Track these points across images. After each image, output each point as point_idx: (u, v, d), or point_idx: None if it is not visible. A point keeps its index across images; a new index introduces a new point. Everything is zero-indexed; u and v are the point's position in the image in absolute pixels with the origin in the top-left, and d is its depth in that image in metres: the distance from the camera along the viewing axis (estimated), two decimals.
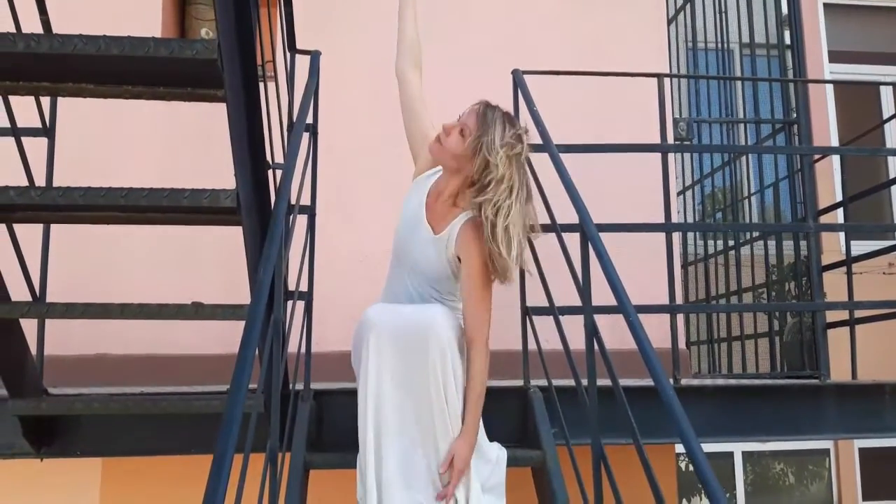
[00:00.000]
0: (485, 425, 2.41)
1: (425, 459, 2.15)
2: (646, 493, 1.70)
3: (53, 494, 3.43)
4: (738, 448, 7.03)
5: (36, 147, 2.44)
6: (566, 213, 2.36)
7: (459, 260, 2.27)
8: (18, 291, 2.24)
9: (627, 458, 1.84)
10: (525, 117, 2.80)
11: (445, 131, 2.28)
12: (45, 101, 2.58)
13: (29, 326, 2.35)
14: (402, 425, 2.14)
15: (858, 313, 3.57)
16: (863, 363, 3.42)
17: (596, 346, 2.03)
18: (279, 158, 2.75)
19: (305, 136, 2.45)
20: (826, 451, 7.13)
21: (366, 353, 2.15)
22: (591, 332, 2.05)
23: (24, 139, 2.25)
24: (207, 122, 2.45)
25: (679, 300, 3.18)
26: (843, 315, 3.67)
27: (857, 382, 3.17)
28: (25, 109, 2.29)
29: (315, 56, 2.71)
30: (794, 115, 4.32)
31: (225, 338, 3.30)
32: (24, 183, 2.21)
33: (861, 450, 7.03)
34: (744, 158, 4.77)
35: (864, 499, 7.02)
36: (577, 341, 2.18)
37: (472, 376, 2.19)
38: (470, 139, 2.23)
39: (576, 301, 2.21)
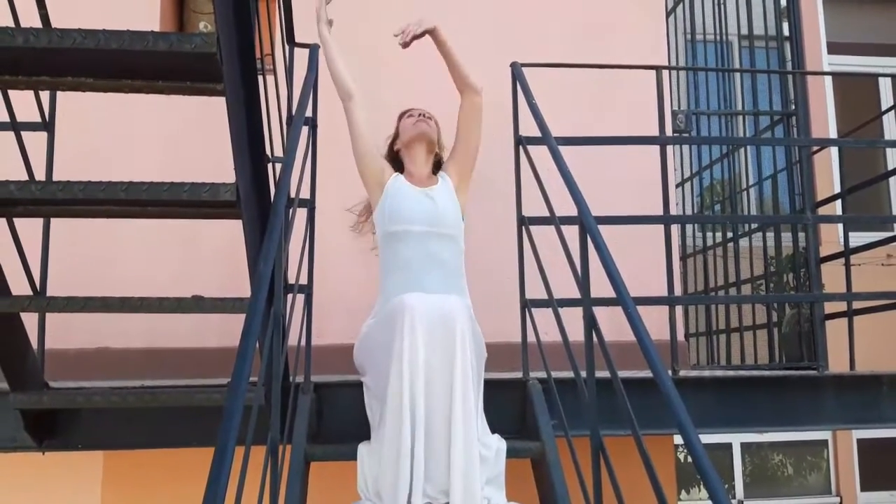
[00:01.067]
0: (485, 417, 2.43)
1: (445, 448, 2.17)
2: (645, 484, 1.71)
3: (56, 488, 3.45)
4: (736, 439, 7.06)
5: (36, 141, 2.45)
6: (565, 206, 2.36)
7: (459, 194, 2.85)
8: (19, 286, 2.24)
9: (627, 449, 1.85)
10: (524, 110, 2.80)
11: (427, 117, 2.92)
12: (45, 96, 2.58)
13: (30, 320, 2.36)
14: (427, 415, 2.17)
15: (856, 304, 3.58)
16: (861, 354, 3.43)
17: (595, 338, 2.04)
18: (279, 152, 2.76)
19: (305, 129, 2.45)
20: (824, 442, 7.16)
21: (399, 336, 2.19)
22: (590, 324, 2.05)
23: (23, 133, 2.25)
24: (207, 115, 2.45)
25: (678, 292, 3.19)
26: (842, 306, 3.68)
27: (854, 373, 3.18)
28: (25, 104, 2.29)
29: (314, 49, 2.71)
30: (793, 106, 4.32)
31: (225, 331, 3.31)
32: (24, 177, 2.21)
33: (859, 440, 7.06)
34: (742, 150, 4.77)
35: (863, 489, 7.05)
36: (577, 333, 2.19)
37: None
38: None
39: (575, 293, 2.22)
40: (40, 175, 2.45)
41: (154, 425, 2.62)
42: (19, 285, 2.24)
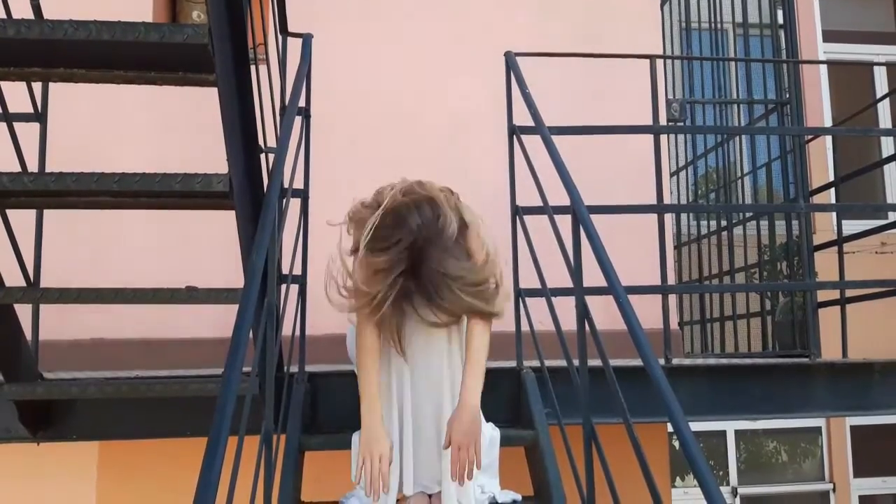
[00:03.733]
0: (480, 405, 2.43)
1: (436, 441, 2.18)
2: (638, 471, 1.72)
3: (51, 478, 3.45)
4: (730, 427, 7.10)
5: (28, 133, 2.44)
6: (558, 195, 2.37)
7: None
8: (12, 277, 2.24)
9: (622, 437, 1.86)
10: (518, 99, 2.80)
11: None
12: (37, 87, 2.57)
13: (23, 312, 2.36)
14: (417, 404, 2.17)
15: (849, 292, 3.59)
16: (854, 342, 3.45)
17: (587, 328, 2.05)
18: (272, 142, 2.75)
19: (298, 119, 2.45)
20: (818, 429, 7.20)
21: None
22: (583, 313, 2.06)
23: (16, 125, 2.25)
24: (200, 106, 2.45)
25: (672, 281, 3.19)
26: (835, 294, 3.70)
27: (846, 361, 3.20)
28: (17, 95, 2.28)
29: (307, 39, 2.70)
30: (787, 95, 4.32)
31: (220, 321, 3.31)
32: (17, 169, 2.21)
33: (853, 427, 7.10)
34: (737, 139, 4.78)
35: (856, 475, 7.10)
36: (570, 322, 2.19)
37: (475, 348, 2.15)
38: None
39: (569, 283, 2.22)
40: (33, 166, 2.44)
41: (149, 415, 2.63)
42: (13, 276, 2.24)
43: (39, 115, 2.56)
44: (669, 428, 4.08)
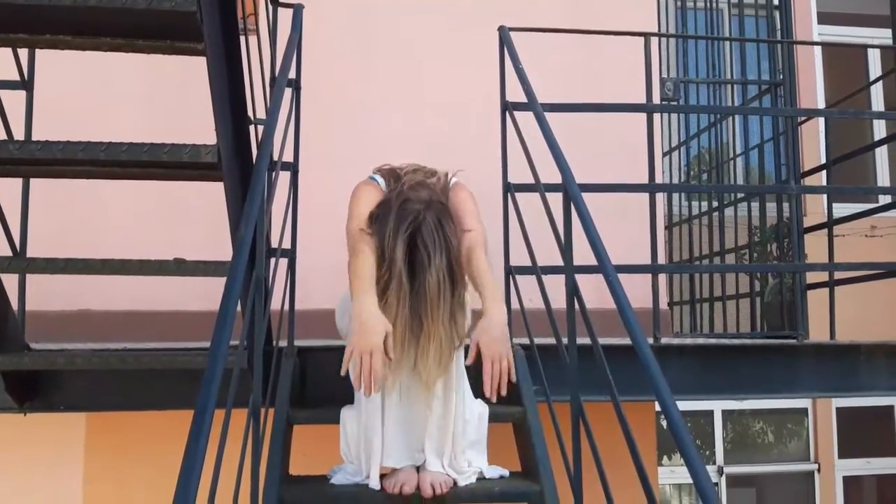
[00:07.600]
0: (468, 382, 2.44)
1: (422, 414, 2.18)
2: (625, 449, 1.73)
3: (38, 449, 3.45)
4: (717, 406, 7.15)
5: (14, 100, 2.41)
6: (550, 173, 2.35)
7: None
8: None
9: (609, 415, 1.87)
10: (511, 75, 2.78)
11: None
12: (24, 54, 2.54)
13: (10, 281, 2.34)
14: (409, 379, 2.17)
15: (838, 275, 3.60)
16: (843, 324, 3.46)
17: (577, 305, 2.04)
18: (262, 114, 2.73)
19: (288, 91, 2.42)
20: (804, 410, 7.27)
21: None
22: (572, 291, 2.06)
23: (1, 92, 2.22)
24: (188, 75, 2.42)
25: (662, 260, 3.19)
26: (824, 276, 3.71)
27: (833, 343, 3.22)
28: (3, 62, 2.25)
29: (298, 9, 2.67)
30: (781, 76, 4.31)
31: (208, 294, 3.29)
32: (2, 136, 2.18)
33: (838, 409, 7.17)
34: (729, 120, 4.76)
35: (841, 456, 7.17)
36: (560, 300, 2.19)
37: (483, 271, 2.15)
38: None
39: (559, 261, 2.22)
40: (19, 134, 2.41)
41: (136, 387, 2.62)
42: None
43: (26, 83, 2.53)
44: (657, 407, 4.10)
